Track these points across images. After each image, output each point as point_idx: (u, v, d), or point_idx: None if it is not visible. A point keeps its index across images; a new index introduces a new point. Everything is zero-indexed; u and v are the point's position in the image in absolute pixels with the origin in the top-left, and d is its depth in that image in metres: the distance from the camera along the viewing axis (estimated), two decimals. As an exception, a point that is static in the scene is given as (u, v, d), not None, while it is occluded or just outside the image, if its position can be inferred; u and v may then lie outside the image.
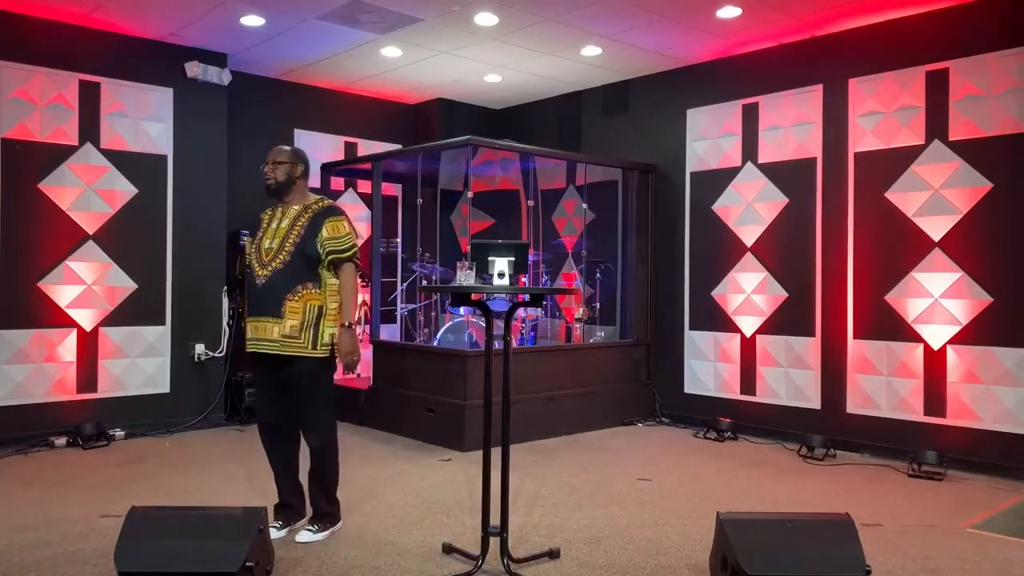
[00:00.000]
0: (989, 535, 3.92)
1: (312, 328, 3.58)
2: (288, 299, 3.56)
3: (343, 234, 3.65)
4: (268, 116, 7.33)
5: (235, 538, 2.98)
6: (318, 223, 3.63)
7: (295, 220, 3.66)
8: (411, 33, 6.06)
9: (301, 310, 3.57)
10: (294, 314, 3.55)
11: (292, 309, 3.56)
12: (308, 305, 3.58)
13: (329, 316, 3.62)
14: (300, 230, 3.63)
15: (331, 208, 3.73)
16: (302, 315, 3.57)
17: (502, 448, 3.41)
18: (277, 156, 3.74)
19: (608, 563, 3.47)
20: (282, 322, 3.56)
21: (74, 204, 5.93)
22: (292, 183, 3.74)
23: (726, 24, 5.81)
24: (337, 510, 3.84)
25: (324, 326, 3.61)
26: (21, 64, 5.71)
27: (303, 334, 3.57)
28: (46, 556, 3.47)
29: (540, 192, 7.92)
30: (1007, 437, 5.09)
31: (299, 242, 3.60)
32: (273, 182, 3.72)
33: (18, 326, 5.69)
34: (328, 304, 3.63)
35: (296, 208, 3.71)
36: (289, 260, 3.59)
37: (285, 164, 3.72)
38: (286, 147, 3.81)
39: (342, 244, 3.64)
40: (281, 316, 3.56)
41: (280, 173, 3.72)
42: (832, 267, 5.95)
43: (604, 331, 7.20)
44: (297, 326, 3.56)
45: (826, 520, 3.18)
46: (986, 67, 5.22)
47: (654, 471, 5.17)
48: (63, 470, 5.07)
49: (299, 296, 3.57)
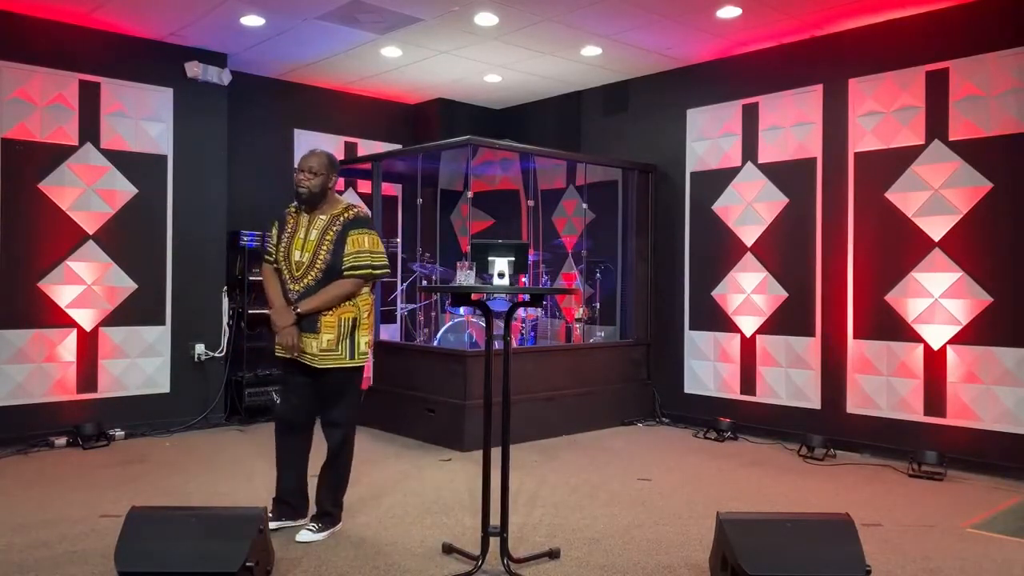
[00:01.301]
0: (989, 535, 3.92)
1: (348, 339, 3.63)
2: (323, 315, 3.59)
3: (363, 250, 3.62)
4: (268, 116, 7.33)
5: (235, 538, 2.98)
6: (344, 236, 3.61)
7: (324, 232, 3.62)
8: (411, 33, 6.06)
9: (336, 324, 3.60)
10: (330, 328, 3.59)
11: (328, 324, 3.59)
12: (343, 319, 3.62)
13: (363, 326, 3.67)
14: (330, 245, 3.60)
15: (357, 219, 3.67)
16: (337, 328, 3.61)
17: (502, 448, 3.41)
18: (314, 166, 3.63)
19: (608, 563, 3.47)
20: (319, 337, 3.60)
21: (74, 204, 5.93)
22: (325, 194, 3.69)
23: (726, 24, 5.81)
24: (339, 512, 3.85)
25: (359, 336, 3.66)
26: (21, 64, 5.71)
27: (339, 346, 3.61)
28: (46, 556, 3.47)
29: (540, 192, 7.92)
30: (1007, 437, 5.09)
31: (329, 259, 3.59)
32: (307, 192, 3.63)
33: (18, 326, 5.69)
34: (361, 314, 3.67)
35: (324, 218, 3.65)
36: (321, 278, 3.60)
37: (322, 176, 3.64)
38: (321, 154, 3.69)
39: (357, 260, 3.61)
40: (318, 332, 3.59)
41: (316, 184, 3.63)
42: (832, 267, 5.95)
43: (604, 331, 7.20)
44: (334, 340, 3.60)
45: (826, 520, 3.18)
46: (986, 67, 5.22)
47: (654, 471, 5.17)
48: (63, 470, 5.07)
49: (333, 311, 3.60)
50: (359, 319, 3.66)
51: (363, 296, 3.70)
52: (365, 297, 3.72)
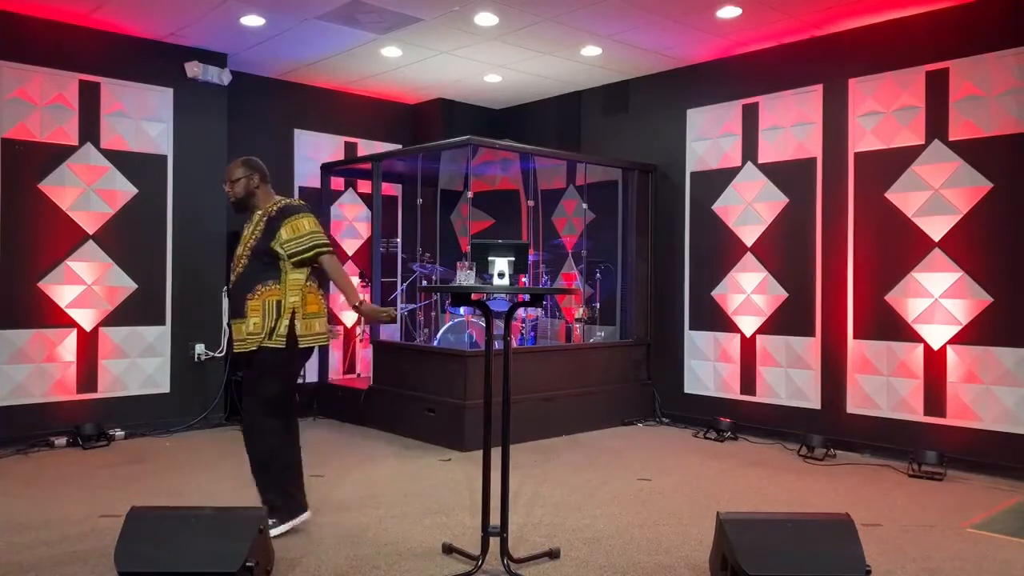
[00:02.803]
0: (989, 535, 3.92)
1: (271, 322, 3.71)
2: (248, 299, 3.72)
3: (303, 233, 3.71)
4: (268, 116, 7.33)
5: (235, 538, 2.98)
6: (275, 225, 3.72)
7: (255, 226, 3.80)
8: (411, 33, 6.06)
9: (260, 307, 3.71)
10: (255, 312, 3.70)
11: (253, 308, 3.71)
12: (267, 302, 3.71)
13: (287, 310, 3.71)
14: (257, 234, 3.76)
15: (286, 208, 3.77)
16: (262, 312, 3.70)
17: (502, 448, 3.41)
18: (232, 174, 3.87)
19: (608, 563, 3.47)
20: (246, 321, 3.72)
21: (74, 204, 5.93)
22: (252, 194, 3.88)
23: (726, 24, 5.81)
24: (291, 503, 3.78)
25: (283, 319, 3.71)
26: (21, 64, 5.71)
27: (263, 328, 3.71)
28: (46, 556, 3.47)
29: (540, 192, 7.92)
30: (1007, 437, 5.09)
31: (254, 245, 3.75)
32: (234, 199, 3.89)
33: (18, 326, 5.69)
34: (288, 298, 3.72)
35: (259, 214, 3.84)
36: (247, 263, 3.76)
37: (241, 179, 3.86)
38: (236, 162, 3.92)
39: (303, 244, 3.70)
40: (245, 316, 3.72)
41: (239, 188, 3.86)
42: (832, 267, 5.95)
43: (604, 331, 7.20)
44: (259, 323, 3.70)
45: (826, 520, 3.18)
46: (986, 67, 5.22)
47: (654, 471, 5.17)
48: (63, 470, 5.08)
49: (257, 295, 3.71)
50: (284, 302, 3.71)
51: (292, 280, 3.71)
52: (295, 281, 3.72)
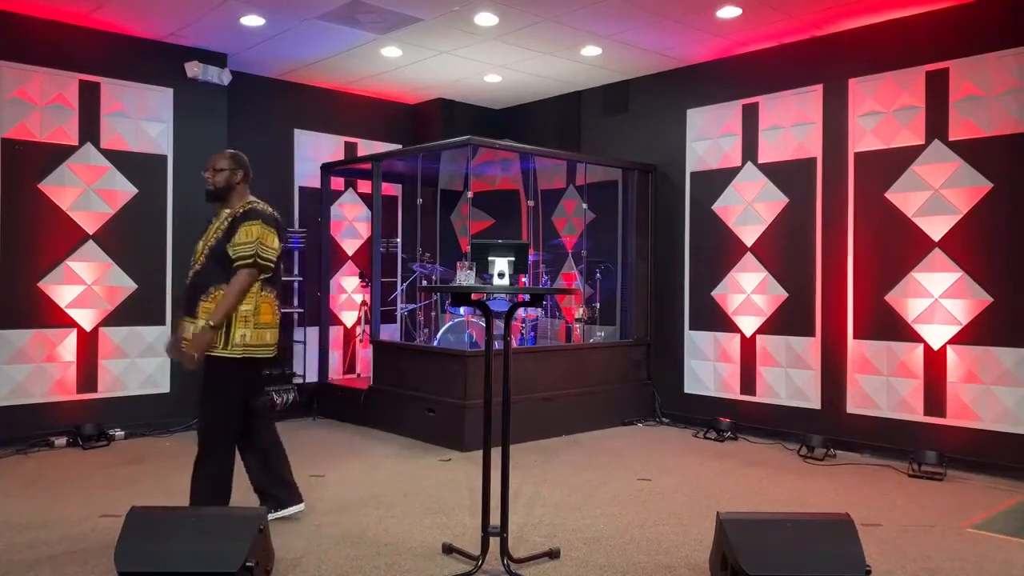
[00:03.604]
0: (989, 535, 3.92)
1: (225, 329, 3.63)
2: (202, 300, 3.65)
3: (248, 240, 3.63)
4: (268, 116, 7.33)
5: (235, 538, 2.98)
6: (235, 227, 3.68)
7: (221, 223, 3.74)
8: (411, 33, 6.06)
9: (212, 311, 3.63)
10: (206, 315, 3.62)
11: (205, 310, 3.64)
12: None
13: (240, 317, 3.65)
14: (219, 233, 3.70)
15: (250, 211, 3.72)
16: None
17: (502, 448, 3.41)
18: (217, 163, 3.81)
19: (608, 563, 3.47)
20: (196, 322, 3.65)
21: (74, 204, 5.93)
22: (231, 188, 3.81)
23: (726, 24, 5.81)
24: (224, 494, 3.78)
25: (236, 327, 3.64)
26: (21, 64, 5.71)
27: (216, 334, 3.60)
28: (46, 556, 3.47)
29: (540, 192, 7.92)
30: (1007, 437, 5.09)
31: (214, 245, 3.69)
32: (212, 187, 3.80)
33: (18, 326, 5.69)
34: (241, 306, 3.65)
35: (226, 212, 3.78)
36: (204, 262, 3.69)
37: (224, 171, 3.80)
38: (225, 152, 3.90)
39: (242, 250, 3.62)
40: (195, 317, 3.65)
41: (220, 179, 3.79)
42: (832, 267, 5.95)
43: (604, 331, 7.20)
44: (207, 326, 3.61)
45: (826, 520, 3.18)
46: (986, 67, 5.22)
47: (654, 471, 5.17)
48: (63, 470, 5.08)
49: (211, 298, 3.64)
50: (237, 310, 3.64)
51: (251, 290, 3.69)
52: (252, 290, 3.68)
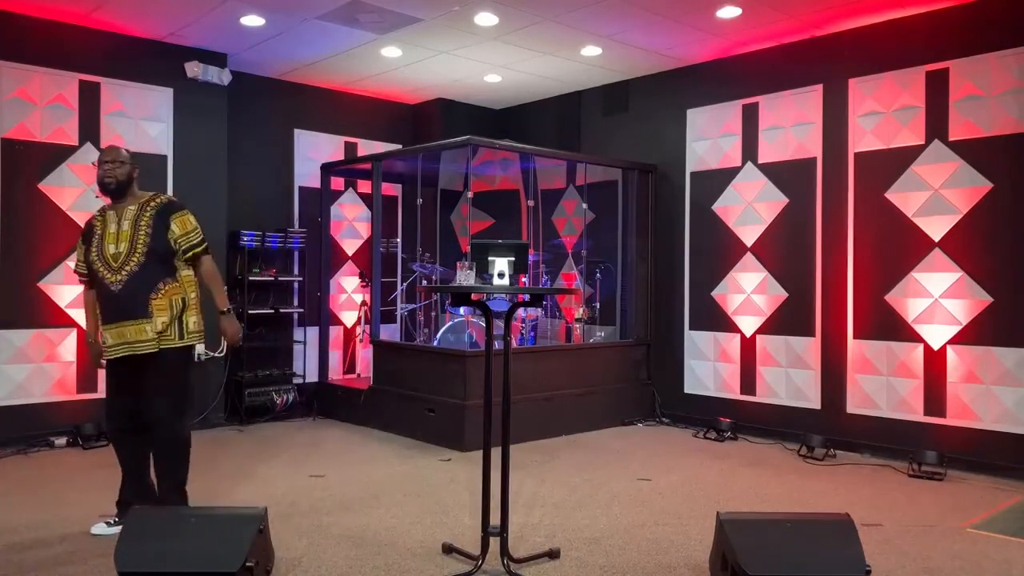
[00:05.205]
0: (989, 535, 3.92)
1: (178, 320, 3.71)
2: (152, 298, 3.66)
3: (192, 229, 3.77)
4: (268, 116, 7.33)
5: (235, 538, 2.98)
6: (164, 219, 3.71)
7: (136, 220, 3.72)
8: (411, 33, 6.06)
9: (168, 305, 3.69)
10: (162, 311, 3.66)
11: (159, 307, 3.66)
12: (173, 300, 3.72)
13: (191, 306, 3.76)
14: (148, 230, 3.70)
15: (172, 203, 3.82)
16: (170, 310, 3.69)
17: (502, 448, 3.41)
18: (117, 156, 3.79)
19: (608, 563, 3.47)
20: (153, 320, 3.64)
21: (74, 204, 5.93)
22: (131, 182, 3.83)
23: (726, 24, 5.81)
24: (186, 503, 3.79)
25: (187, 316, 3.75)
26: (21, 64, 5.70)
27: (171, 328, 3.68)
28: (46, 556, 3.47)
29: (540, 192, 7.92)
30: (1007, 437, 5.09)
31: (150, 242, 3.68)
32: (114, 181, 3.76)
33: (18, 326, 5.69)
34: (188, 294, 3.76)
35: (133, 208, 3.76)
36: (144, 261, 3.67)
37: (126, 165, 3.80)
38: (119, 147, 3.88)
39: (194, 239, 3.76)
40: (150, 316, 3.64)
41: (122, 172, 3.78)
42: (832, 267, 5.95)
43: (604, 331, 7.20)
44: (168, 321, 3.67)
45: (826, 520, 3.18)
46: (986, 67, 5.22)
47: (654, 471, 5.17)
48: (63, 470, 5.08)
49: (162, 293, 3.68)
50: (187, 299, 3.75)
51: (184, 277, 3.78)
52: (188, 277, 3.79)
